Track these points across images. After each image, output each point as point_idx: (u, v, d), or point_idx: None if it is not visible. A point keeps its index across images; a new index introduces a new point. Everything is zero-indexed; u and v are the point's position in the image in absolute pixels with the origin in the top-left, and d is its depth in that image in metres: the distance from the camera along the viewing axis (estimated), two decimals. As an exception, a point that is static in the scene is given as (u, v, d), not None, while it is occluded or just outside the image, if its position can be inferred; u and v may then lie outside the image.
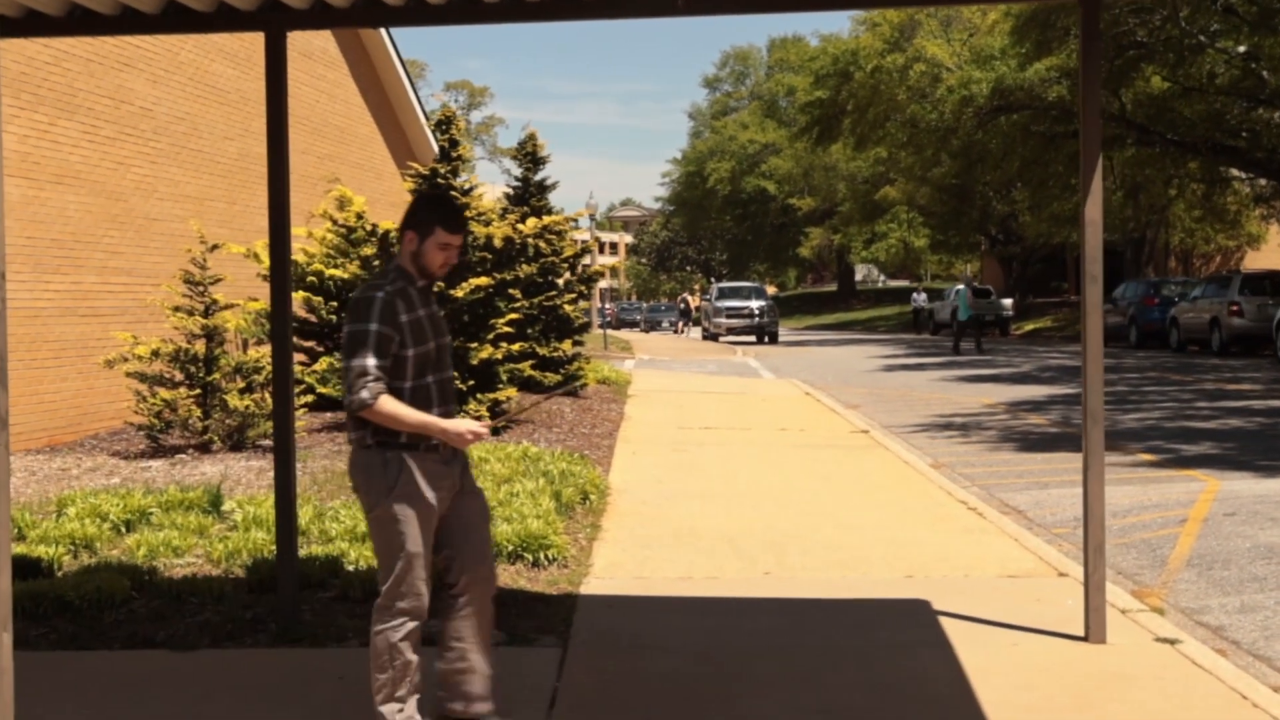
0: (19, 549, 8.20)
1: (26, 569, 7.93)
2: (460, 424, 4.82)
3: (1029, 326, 51.49)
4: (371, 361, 4.76)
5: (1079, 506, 9.74)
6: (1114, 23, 30.17)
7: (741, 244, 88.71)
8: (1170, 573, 8.55)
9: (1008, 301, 51.78)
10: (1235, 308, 31.22)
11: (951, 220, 57.23)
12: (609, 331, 53.18)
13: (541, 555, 8.43)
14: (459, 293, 13.84)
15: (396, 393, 4.83)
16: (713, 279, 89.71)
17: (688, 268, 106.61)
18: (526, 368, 16.53)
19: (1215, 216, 45.11)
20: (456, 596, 5.17)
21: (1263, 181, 38.27)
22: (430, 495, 4.89)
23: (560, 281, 19.18)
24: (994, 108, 35.96)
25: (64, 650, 6.70)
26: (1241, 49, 30.97)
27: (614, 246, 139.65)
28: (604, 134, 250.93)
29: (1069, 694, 5.86)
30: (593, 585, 8.06)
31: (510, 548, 8.42)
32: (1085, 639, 6.64)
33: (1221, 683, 5.98)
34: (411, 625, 5.08)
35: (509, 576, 8.08)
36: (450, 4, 6.76)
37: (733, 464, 13.14)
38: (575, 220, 20.47)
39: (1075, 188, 40.59)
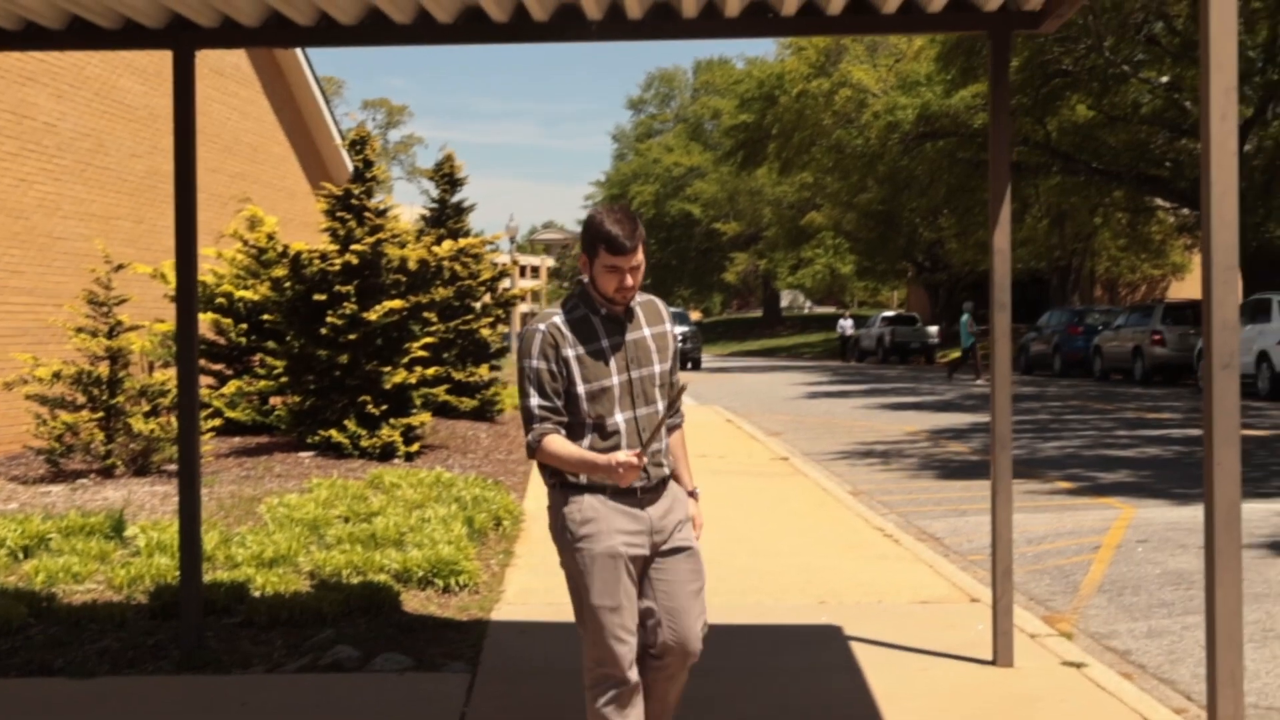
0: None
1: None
2: (613, 456, 4.27)
3: (955, 354, 51.91)
4: (534, 401, 4.38)
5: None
6: (1039, 51, 30.62)
7: (666, 269, 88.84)
8: (1082, 599, 8.60)
9: (933, 329, 52.24)
10: (1157, 337, 31.65)
11: (878, 246, 57.54)
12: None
13: (452, 581, 8.33)
14: (372, 315, 13.71)
15: (575, 430, 4.40)
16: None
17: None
18: (441, 392, 16.41)
19: (1140, 245, 45.79)
20: (654, 658, 4.59)
21: (1186, 211, 38.90)
22: (615, 542, 4.36)
23: (477, 305, 19.08)
24: (920, 134, 36.29)
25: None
26: (1164, 79, 31.54)
27: (535, 270, 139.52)
28: (527, 155, 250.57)
29: (974, 717, 5.88)
30: (504, 611, 7.97)
31: (420, 573, 8.32)
32: (993, 663, 6.67)
33: (1124, 704, 6.02)
34: (611, 691, 4.49)
35: (419, 603, 7.99)
36: (360, 25, 6.69)
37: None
38: (492, 243, 20.37)
39: (997, 215, 41.02)
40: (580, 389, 4.35)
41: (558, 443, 4.34)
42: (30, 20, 6.82)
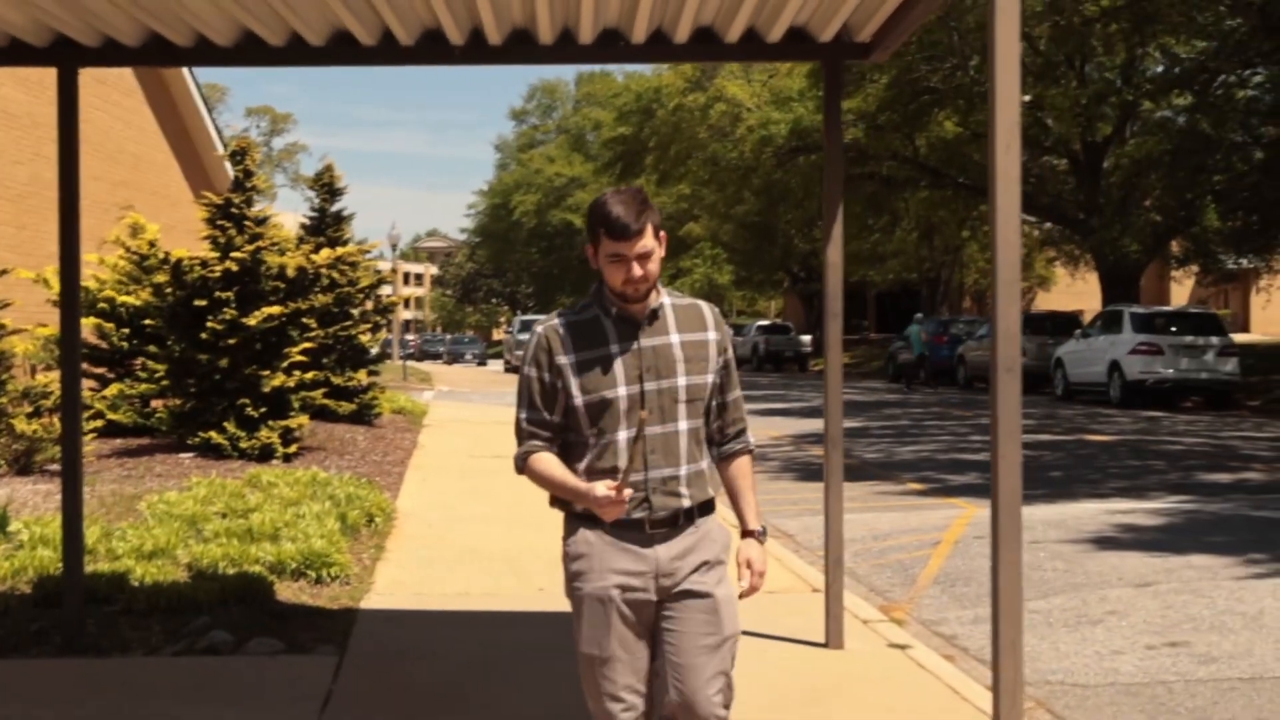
0: None
1: None
2: (592, 487, 3.73)
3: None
4: (522, 414, 3.92)
5: (846, 530, 10.49)
6: (907, 69, 31.55)
7: (548, 277, 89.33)
8: (918, 589, 9.26)
9: (806, 338, 53.27)
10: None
11: (755, 257, 58.49)
12: (411, 363, 53.19)
13: (324, 573, 8.76)
14: (251, 321, 14.05)
15: (575, 449, 3.89)
16: (519, 312, 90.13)
17: (493, 300, 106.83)
18: (319, 396, 16.75)
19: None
20: None
21: (1048, 225, 40.21)
22: (607, 583, 3.81)
23: (356, 312, 19.42)
24: (792, 148, 37.15)
25: None
26: (1027, 98, 32.64)
27: (419, 277, 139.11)
28: (412, 162, 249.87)
29: (803, 692, 6.45)
30: (373, 601, 8.44)
31: (294, 565, 8.74)
32: (825, 645, 7.26)
33: (940, 681, 6.64)
34: None
35: (292, 592, 8.41)
36: (236, 47, 7.13)
37: (519, 490, 13.42)
38: (369, 251, 20.73)
39: (873, 227, 42.17)
40: (578, 401, 3.83)
41: (543, 462, 3.86)
42: (-82, 37, 7.15)
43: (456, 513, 12.02)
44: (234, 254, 14.33)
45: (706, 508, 3.94)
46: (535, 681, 6.53)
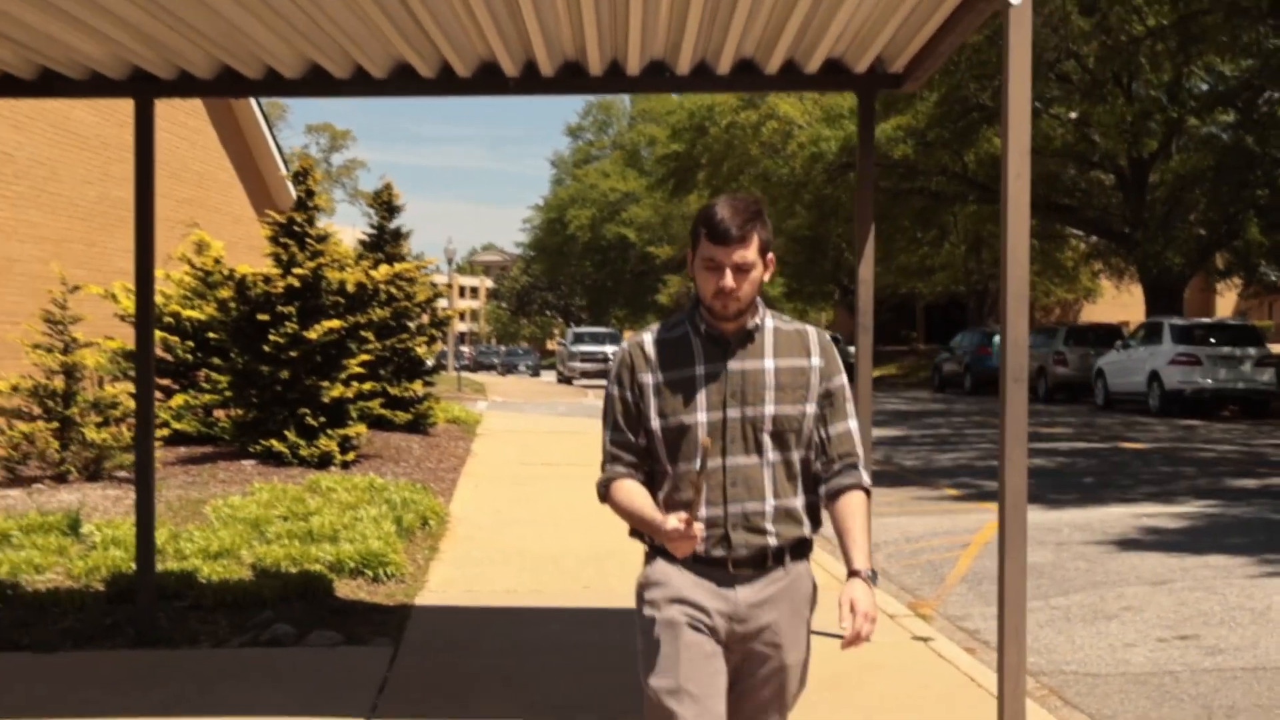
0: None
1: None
2: (665, 519, 3.42)
3: (876, 373, 53.21)
4: (608, 435, 3.65)
5: (875, 534, 10.92)
6: (956, 87, 31.87)
7: (601, 290, 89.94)
8: (946, 587, 9.67)
9: (853, 349, 53.51)
10: (1059, 357, 33.20)
11: (806, 270, 58.85)
12: (465, 374, 53.85)
13: (381, 571, 9.27)
14: (312, 334, 14.61)
15: (655, 478, 3.61)
16: (572, 324, 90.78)
17: (548, 312, 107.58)
18: (376, 406, 17.28)
19: (1054, 270, 47.31)
20: None
21: (1094, 238, 40.42)
22: (677, 612, 3.52)
23: (413, 325, 19.98)
24: (843, 164, 37.50)
25: (-67, 656, 7.34)
26: (1074, 115, 32.92)
27: (475, 290, 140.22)
28: (469, 177, 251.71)
29: (821, 679, 6.84)
30: (426, 597, 8.93)
31: (352, 565, 9.24)
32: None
33: (957, 669, 7.08)
34: None
35: (350, 590, 8.91)
36: (303, 80, 7.66)
37: (568, 495, 14.06)
38: (426, 267, 21.30)
39: (921, 240, 42.46)
40: (654, 424, 3.55)
41: (625, 490, 3.57)
42: (3, 71, 7.72)
43: (506, 516, 12.51)
44: (296, 270, 14.93)
45: (798, 550, 3.58)
46: (575, 670, 6.98)
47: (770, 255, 3.56)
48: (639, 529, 3.58)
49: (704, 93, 24.81)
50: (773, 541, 3.52)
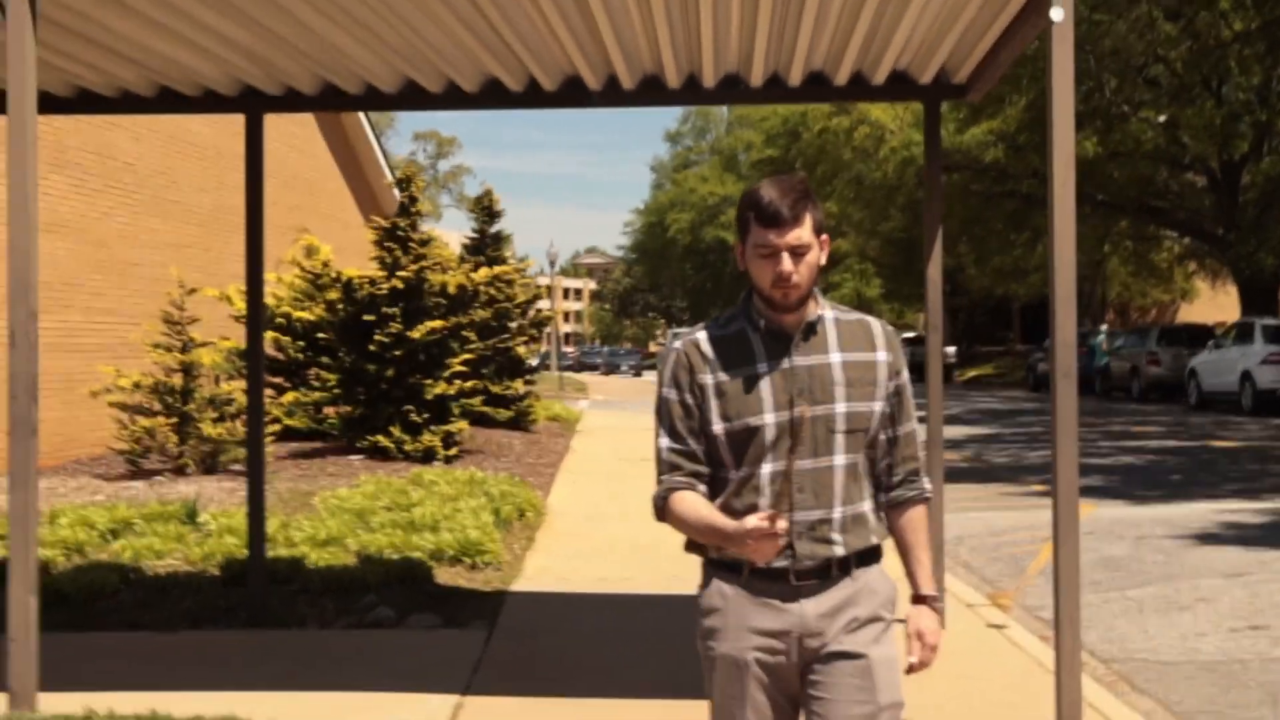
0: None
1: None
2: (743, 522, 3.07)
3: (971, 373, 53.17)
4: (663, 442, 3.34)
5: (960, 528, 11.25)
6: (1045, 91, 31.79)
7: (701, 292, 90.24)
8: (1025, 579, 9.93)
9: (950, 349, 53.48)
10: (1153, 357, 33.11)
11: (901, 271, 58.76)
12: (568, 374, 54.54)
13: (479, 560, 9.74)
14: (416, 334, 15.19)
15: (717, 486, 3.30)
16: (673, 325, 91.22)
17: (649, 314, 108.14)
18: (478, 403, 17.83)
19: (1148, 272, 46.92)
20: None
21: (1187, 240, 40.09)
22: (743, 644, 3.25)
23: (513, 325, 20.52)
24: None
25: (64, 632, 7.80)
26: (1162, 118, 32.73)
27: (578, 292, 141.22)
28: (571, 183, 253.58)
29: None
30: (521, 584, 9.38)
31: (451, 553, 9.72)
32: (929, 626, 8.00)
33: (1027, 654, 7.37)
34: None
35: (449, 576, 9.38)
36: (400, 94, 8.13)
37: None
38: (524, 270, 21.86)
39: (1015, 243, 42.33)
40: (717, 428, 3.25)
41: (687, 501, 3.26)
42: (127, 89, 8.29)
43: (602, 510, 12.95)
44: (400, 273, 15.52)
45: (867, 557, 3.29)
46: (658, 654, 7.36)
47: (824, 236, 3.28)
48: (705, 539, 3.25)
49: (776, 104, 25.00)
50: (839, 551, 3.22)
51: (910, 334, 60.34)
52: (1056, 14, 5.39)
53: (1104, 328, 39.64)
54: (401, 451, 15.05)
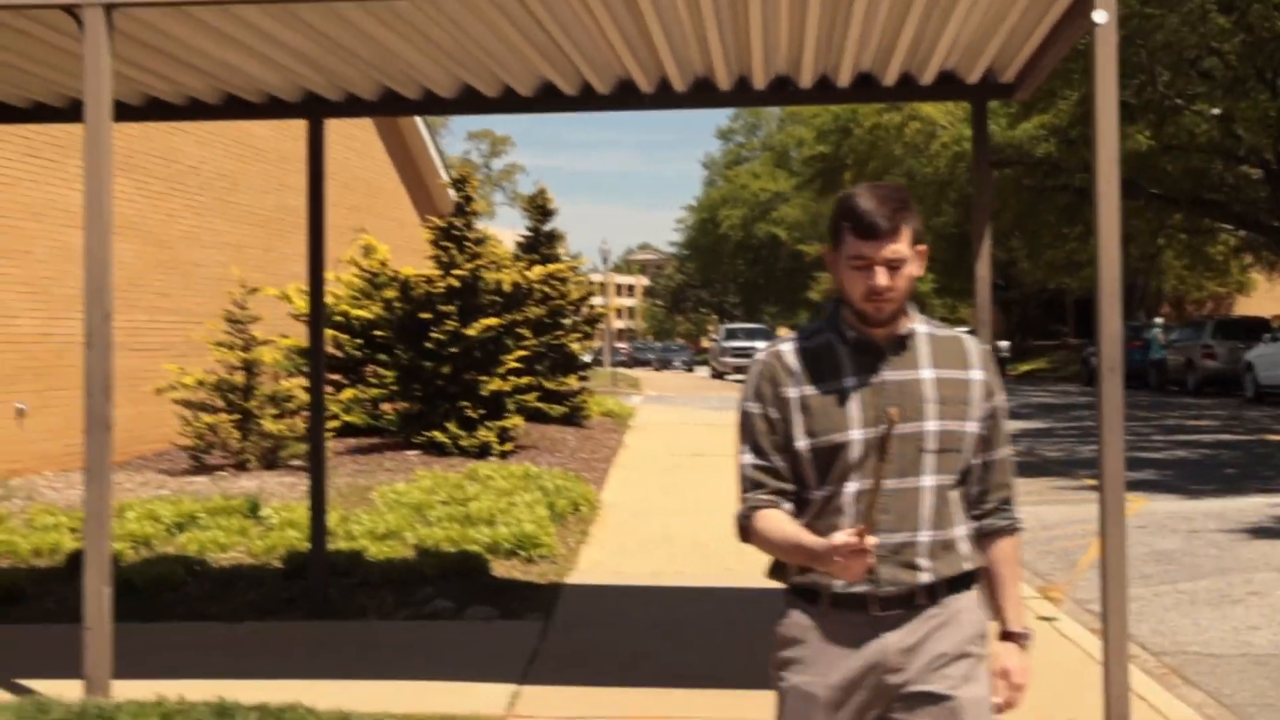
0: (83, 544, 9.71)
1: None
2: (832, 538, 2.90)
3: (1025, 367, 52.99)
4: (747, 459, 3.19)
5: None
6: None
7: (753, 287, 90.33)
8: (1076, 573, 10.02)
9: (1004, 344, 53.30)
10: (1208, 350, 32.84)
11: (955, 266, 58.56)
12: (622, 369, 54.75)
13: (534, 553, 9.92)
14: (471, 332, 15.42)
15: (801, 506, 3.14)
16: (726, 321, 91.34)
17: (702, 310, 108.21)
18: (532, 399, 18.02)
19: (1204, 265, 46.60)
20: None
21: (1242, 232, 39.81)
22: (818, 679, 3.07)
23: (567, 322, 20.70)
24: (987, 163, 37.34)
25: (133, 623, 8.02)
26: (1216, 111, 32.51)
27: (631, 289, 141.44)
28: (623, 180, 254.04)
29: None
30: (576, 577, 9.56)
31: (507, 546, 9.91)
32: (978, 619, 8.12)
33: (1077, 646, 7.48)
34: None
35: (505, 569, 9.57)
36: (458, 99, 8.32)
37: (715, 484, 14.57)
38: (577, 267, 22.06)
39: (1068, 237, 42.18)
40: (801, 444, 3.09)
41: (772, 519, 3.10)
42: (195, 97, 8.52)
43: (655, 504, 13.12)
44: (455, 271, 15.76)
45: (958, 584, 3.09)
46: (711, 645, 7.52)
47: (922, 246, 3.13)
48: (791, 559, 3.08)
49: (826, 105, 25.25)
50: (925, 578, 3.03)
51: (963, 329, 60.18)
52: (1100, 16, 5.46)
53: (1158, 321, 39.41)
54: (457, 447, 15.28)
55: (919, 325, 3.18)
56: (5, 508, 11.61)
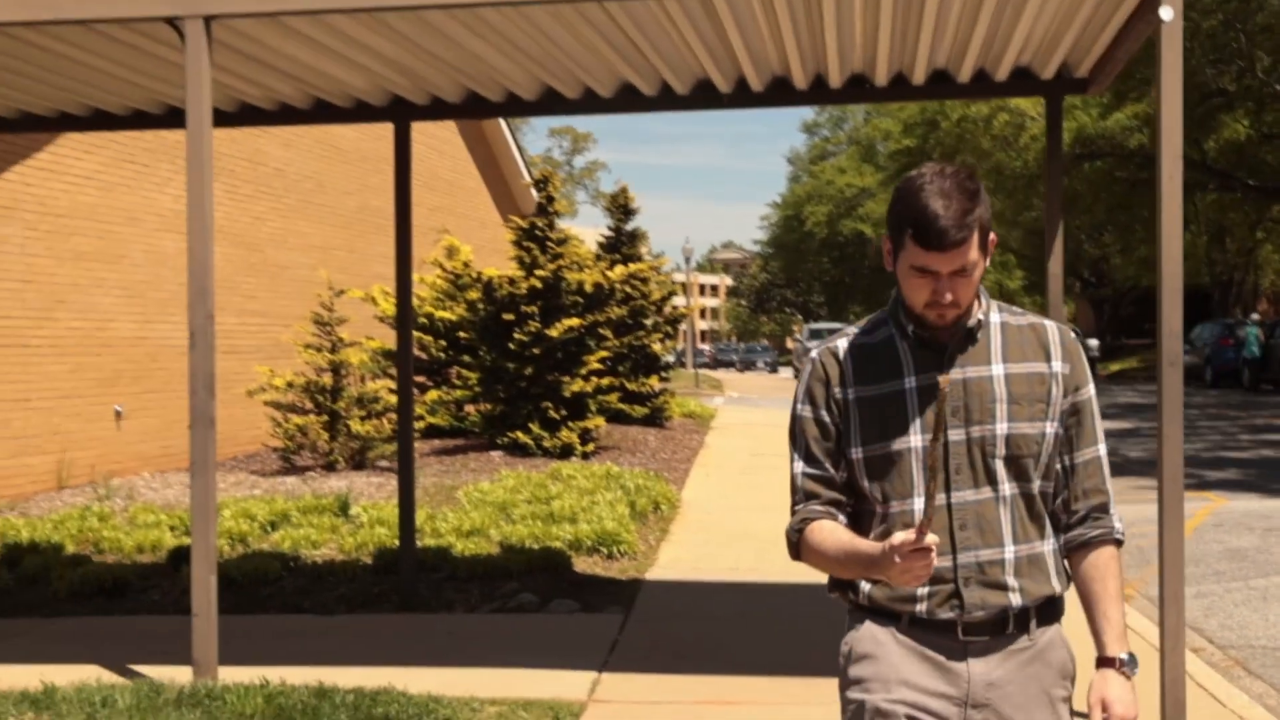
0: (185, 541, 10.03)
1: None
2: (889, 540, 2.61)
3: (1115, 367, 52.39)
4: (798, 467, 2.92)
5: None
6: (1192, 72, 31.34)
7: (838, 286, 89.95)
8: (1150, 569, 9.99)
9: (1094, 342, 52.78)
10: None
11: (1044, 263, 58.05)
12: (704, 370, 54.86)
13: (615, 549, 10.11)
14: (554, 332, 15.62)
15: (861, 521, 2.87)
16: (811, 321, 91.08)
17: (787, 309, 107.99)
18: (614, 400, 18.20)
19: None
20: None
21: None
22: (894, 695, 2.78)
23: (649, 322, 20.84)
24: (1076, 155, 37.09)
25: (233, 615, 8.37)
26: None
27: (714, 288, 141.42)
28: (708, 175, 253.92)
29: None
30: (655, 573, 9.74)
31: (589, 543, 10.11)
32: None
33: (1143, 640, 7.52)
34: None
35: (587, 565, 9.76)
36: (539, 100, 8.53)
37: (795, 485, 14.71)
38: (659, 268, 22.19)
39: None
40: (857, 453, 2.82)
41: (825, 530, 2.83)
42: (285, 102, 8.80)
43: (734, 503, 13.25)
44: (538, 272, 15.98)
45: (1047, 611, 2.82)
46: (785, 637, 7.66)
47: (992, 237, 2.78)
48: (848, 571, 2.80)
49: (901, 102, 25.16)
50: (1016, 600, 2.75)
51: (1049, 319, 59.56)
52: (1166, 13, 5.53)
53: (1255, 317, 38.81)
54: (540, 448, 15.49)
55: (993, 314, 2.86)
56: (107, 507, 11.97)
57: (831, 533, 2.80)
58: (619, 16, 6.72)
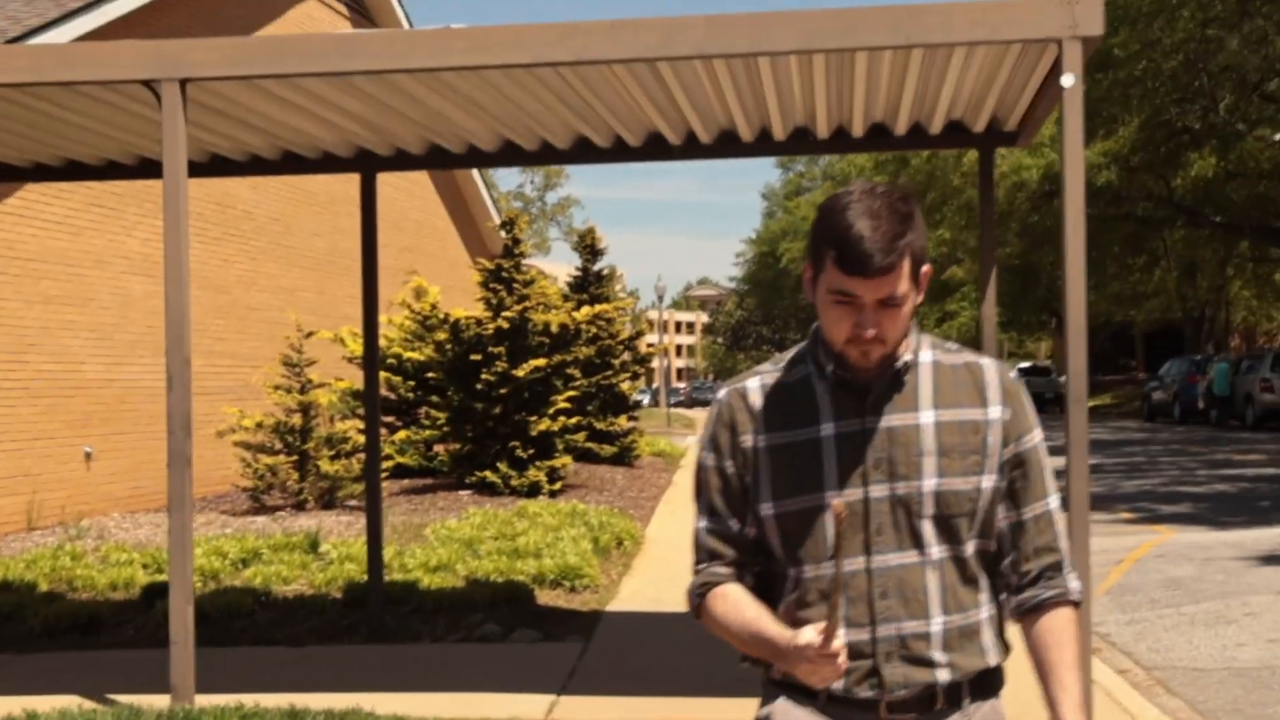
0: (158, 578, 10.35)
1: (164, 593, 10.02)
2: (797, 635, 2.36)
3: (1089, 404, 52.79)
4: (701, 524, 2.62)
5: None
6: (1157, 111, 31.91)
7: (814, 322, 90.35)
8: (1089, 599, 10.45)
9: (1064, 379, 53.22)
10: (1266, 384, 32.78)
11: (1019, 298, 58.56)
12: (679, 410, 55.09)
13: (577, 583, 10.47)
14: (520, 373, 15.99)
15: (776, 582, 2.59)
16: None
17: (763, 347, 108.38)
18: (582, 439, 18.55)
19: (1273, 294, 46.44)
20: None
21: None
22: None
23: (616, 362, 21.19)
24: (1045, 192, 37.59)
25: (207, 648, 8.68)
26: (1278, 136, 32.59)
27: (690, 326, 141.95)
28: (682, 210, 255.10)
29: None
30: (617, 605, 10.09)
31: (552, 577, 10.46)
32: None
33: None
34: None
35: (550, 598, 10.10)
36: (498, 152, 8.95)
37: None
38: (624, 308, 22.58)
39: (1132, 267, 42.18)
40: (766, 509, 2.51)
41: (729, 600, 2.56)
42: (255, 154, 9.18)
43: (696, 539, 13.56)
44: (504, 313, 16.37)
45: (982, 685, 2.54)
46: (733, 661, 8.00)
47: (925, 269, 2.46)
48: (751, 652, 2.55)
49: (843, 153, 25.71)
50: (944, 676, 2.47)
51: (1024, 364, 60.09)
52: (1067, 80, 5.92)
53: (1224, 355, 39.31)
54: (508, 486, 15.83)
55: (924, 352, 2.53)
56: (80, 546, 12.27)
57: (735, 606, 2.52)
58: (572, 80, 7.12)
